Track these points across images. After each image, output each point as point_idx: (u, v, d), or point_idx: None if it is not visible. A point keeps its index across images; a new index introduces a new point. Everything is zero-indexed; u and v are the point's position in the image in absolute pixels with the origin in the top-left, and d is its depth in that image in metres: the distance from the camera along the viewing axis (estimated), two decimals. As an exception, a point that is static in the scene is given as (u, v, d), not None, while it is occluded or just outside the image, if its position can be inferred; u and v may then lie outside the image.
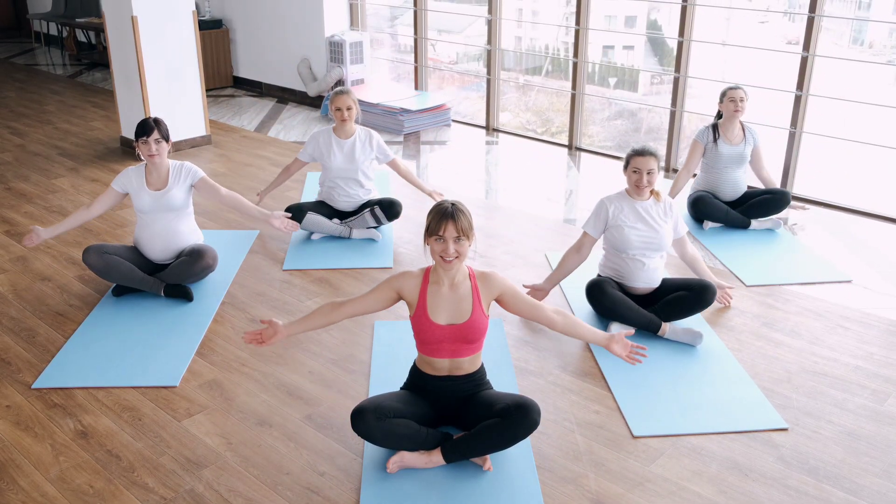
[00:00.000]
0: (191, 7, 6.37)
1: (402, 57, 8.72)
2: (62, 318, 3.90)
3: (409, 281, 2.85)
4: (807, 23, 5.37)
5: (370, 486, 2.72)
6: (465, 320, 2.80)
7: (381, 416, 2.71)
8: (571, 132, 6.74)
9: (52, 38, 11.78)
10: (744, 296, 4.13)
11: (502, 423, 2.72)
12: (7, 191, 5.66)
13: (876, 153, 5.64)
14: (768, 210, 4.91)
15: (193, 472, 2.81)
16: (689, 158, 5.02)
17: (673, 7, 6.43)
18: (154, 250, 4.08)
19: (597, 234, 3.80)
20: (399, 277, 2.87)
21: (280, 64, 8.41)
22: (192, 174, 4.08)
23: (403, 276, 2.87)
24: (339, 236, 4.77)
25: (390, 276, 2.89)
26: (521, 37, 8.85)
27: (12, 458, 2.89)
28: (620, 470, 2.84)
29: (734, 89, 4.87)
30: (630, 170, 3.71)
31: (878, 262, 4.56)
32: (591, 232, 3.80)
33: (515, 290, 2.90)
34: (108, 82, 9.23)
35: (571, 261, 3.85)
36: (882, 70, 7.07)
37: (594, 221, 3.79)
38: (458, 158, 6.51)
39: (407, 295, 2.85)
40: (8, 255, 4.60)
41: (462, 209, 2.76)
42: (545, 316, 2.93)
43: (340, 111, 4.66)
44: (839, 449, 2.95)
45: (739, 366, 3.48)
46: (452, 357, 2.85)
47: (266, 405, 3.20)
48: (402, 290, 2.86)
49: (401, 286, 2.85)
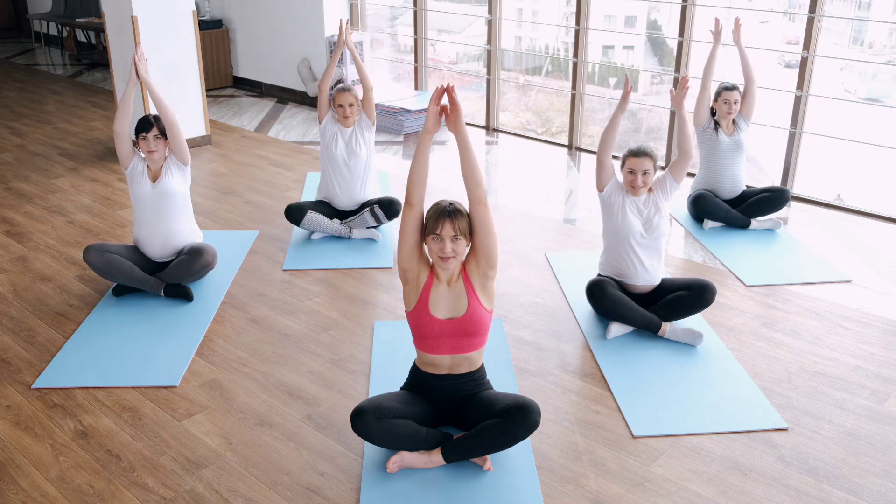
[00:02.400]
0: (191, 7, 6.37)
1: (402, 57, 8.73)
2: (62, 318, 3.90)
3: (423, 268, 2.84)
4: (807, 23, 5.37)
5: (370, 487, 2.72)
6: (463, 313, 2.81)
7: (381, 416, 2.71)
8: (571, 132, 6.74)
9: (52, 38, 11.78)
10: (744, 296, 4.13)
11: (502, 423, 2.72)
12: (7, 191, 5.66)
13: (876, 153, 5.63)
14: (768, 208, 4.91)
15: (193, 472, 2.81)
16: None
17: (673, 7, 6.43)
18: (154, 248, 4.08)
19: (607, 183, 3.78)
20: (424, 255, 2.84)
21: (280, 64, 8.41)
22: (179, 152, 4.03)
23: (425, 258, 2.84)
24: (339, 236, 4.77)
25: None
26: (521, 37, 8.85)
27: (12, 458, 2.89)
28: (620, 470, 2.84)
29: (729, 90, 4.88)
30: (626, 170, 3.72)
31: (878, 262, 4.56)
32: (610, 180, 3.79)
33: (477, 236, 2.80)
34: (108, 82, 9.23)
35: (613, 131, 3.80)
36: (882, 70, 7.07)
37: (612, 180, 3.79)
38: (458, 158, 6.49)
39: (417, 275, 2.82)
40: (8, 255, 4.60)
41: (460, 208, 2.76)
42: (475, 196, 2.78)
43: (343, 108, 4.66)
44: (839, 449, 2.95)
45: (739, 366, 3.48)
46: (453, 353, 2.85)
47: (266, 405, 3.20)
48: (420, 264, 2.82)
49: (421, 260, 2.82)
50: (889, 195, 5.65)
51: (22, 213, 5.24)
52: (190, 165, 4.08)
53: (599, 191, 3.82)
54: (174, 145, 4.00)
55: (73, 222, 5.09)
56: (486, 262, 2.81)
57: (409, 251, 2.80)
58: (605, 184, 3.79)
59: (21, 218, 5.17)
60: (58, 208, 5.33)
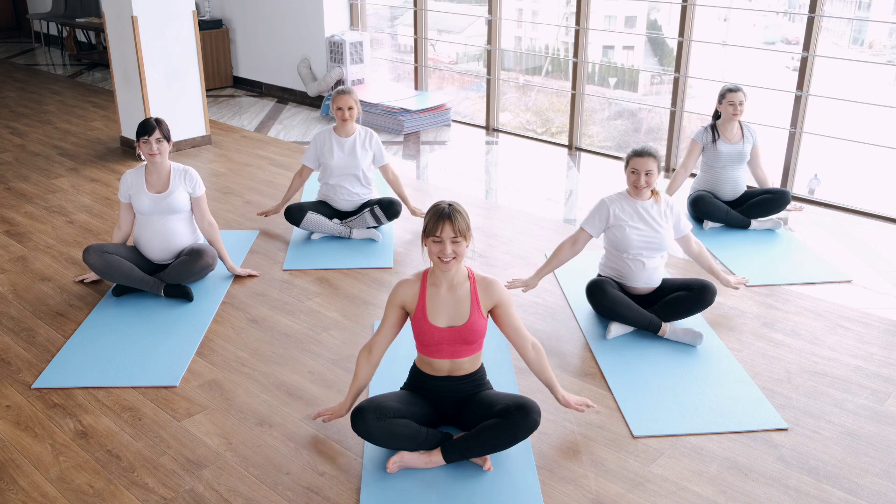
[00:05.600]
0: (191, 7, 6.36)
1: (402, 57, 8.73)
2: (62, 317, 3.90)
3: (407, 290, 2.84)
4: (807, 23, 5.37)
5: (370, 486, 2.72)
6: (464, 322, 2.80)
7: (381, 416, 2.71)
8: (571, 132, 6.74)
9: (52, 38, 11.78)
10: (744, 296, 4.13)
11: (502, 423, 2.72)
12: (7, 191, 5.66)
13: (876, 153, 5.64)
14: (768, 210, 4.91)
15: (193, 472, 2.81)
16: (686, 158, 5.02)
17: (673, 7, 6.43)
18: (154, 250, 4.08)
19: (595, 232, 3.80)
20: (397, 292, 2.86)
21: (280, 64, 8.41)
22: (195, 187, 4.08)
23: (400, 287, 2.86)
24: (339, 236, 4.77)
25: (390, 296, 2.87)
26: (521, 37, 8.86)
27: (12, 458, 2.89)
28: (620, 470, 2.84)
29: (734, 92, 4.85)
30: (629, 170, 3.72)
31: (878, 262, 4.56)
32: (589, 229, 3.80)
33: (510, 307, 2.89)
34: (108, 82, 9.23)
35: (565, 253, 3.84)
36: (882, 70, 7.08)
37: (593, 220, 3.79)
38: (457, 158, 6.51)
39: (408, 303, 2.85)
40: (8, 255, 4.60)
41: (459, 210, 2.76)
42: (523, 346, 2.92)
43: (342, 110, 4.67)
44: (839, 449, 2.95)
45: (739, 366, 3.48)
46: (452, 358, 2.85)
47: (266, 405, 3.20)
48: (405, 302, 2.85)
49: (402, 299, 2.85)
50: (889, 195, 5.65)
51: (22, 213, 5.24)
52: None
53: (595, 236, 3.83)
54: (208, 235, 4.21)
55: (72, 222, 5.09)
56: (498, 323, 2.93)
57: (398, 327, 2.93)
58: (589, 238, 3.82)
59: (21, 218, 5.17)
60: (58, 208, 5.33)
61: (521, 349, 2.93)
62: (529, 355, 2.93)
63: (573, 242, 3.83)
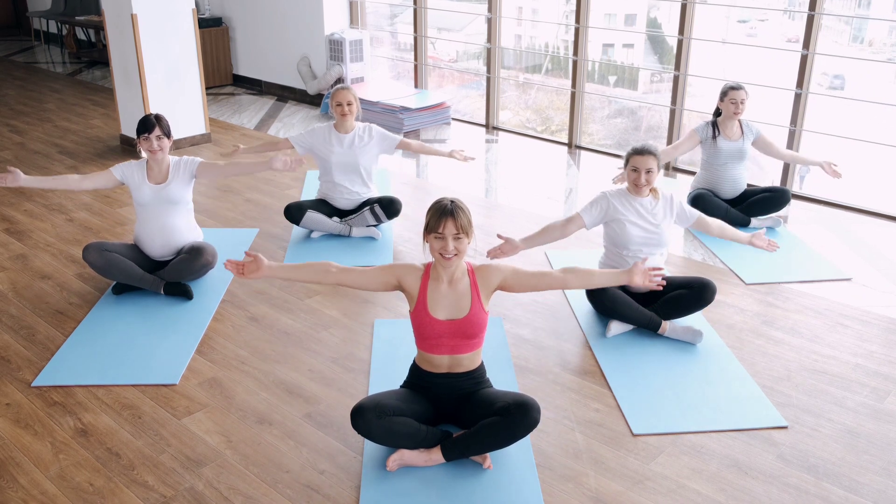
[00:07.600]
0: (190, 5, 6.36)
1: (402, 55, 8.72)
2: (62, 315, 3.90)
3: (411, 273, 2.85)
4: (807, 21, 5.37)
5: (370, 485, 2.72)
6: (464, 315, 2.81)
7: (381, 414, 2.71)
8: (571, 130, 6.73)
9: (51, 36, 11.78)
10: (744, 294, 4.13)
11: (502, 421, 2.72)
12: (7, 189, 5.66)
13: (876, 151, 5.64)
14: (768, 208, 4.91)
15: (193, 470, 2.81)
16: (680, 142, 5.04)
17: (673, 5, 6.42)
18: (154, 247, 4.08)
19: (590, 221, 3.76)
20: (403, 266, 2.87)
21: (280, 62, 8.40)
22: (191, 163, 4.07)
23: (407, 267, 2.87)
24: (339, 234, 4.77)
25: (395, 263, 2.88)
26: (521, 35, 8.85)
27: (12, 456, 2.89)
28: (620, 468, 2.84)
29: (735, 90, 4.84)
30: (629, 168, 3.72)
31: (878, 260, 4.56)
32: (585, 217, 3.76)
33: (516, 269, 2.88)
34: (108, 80, 9.23)
35: (552, 234, 3.78)
36: (882, 68, 7.07)
37: (591, 209, 3.76)
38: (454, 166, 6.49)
39: (407, 287, 2.86)
40: (8, 253, 4.60)
41: (461, 206, 2.76)
42: (556, 279, 2.90)
43: (341, 106, 4.67)
44: (839, 447, 2.95)
45: (739, 364, 3.48)
46: (452, 353, 2.85)
47: (266, 403, 3.20)
48: (404, 281, 2.86)
49: (403, 275, 2.86)
50: (889, 193, 5.65)
51: (22, 211, 5.24)
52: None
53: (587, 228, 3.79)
54: (237, 173, 4.17)
55: (72, 220, 5.09)
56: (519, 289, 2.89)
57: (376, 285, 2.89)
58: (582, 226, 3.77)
59: (21, 216, 5.17)
60: (57, 206, 5.33)
61: (560, 283, 2.93)
62: (571, 280, 2.93)
63: (564, 226, 3.77)
